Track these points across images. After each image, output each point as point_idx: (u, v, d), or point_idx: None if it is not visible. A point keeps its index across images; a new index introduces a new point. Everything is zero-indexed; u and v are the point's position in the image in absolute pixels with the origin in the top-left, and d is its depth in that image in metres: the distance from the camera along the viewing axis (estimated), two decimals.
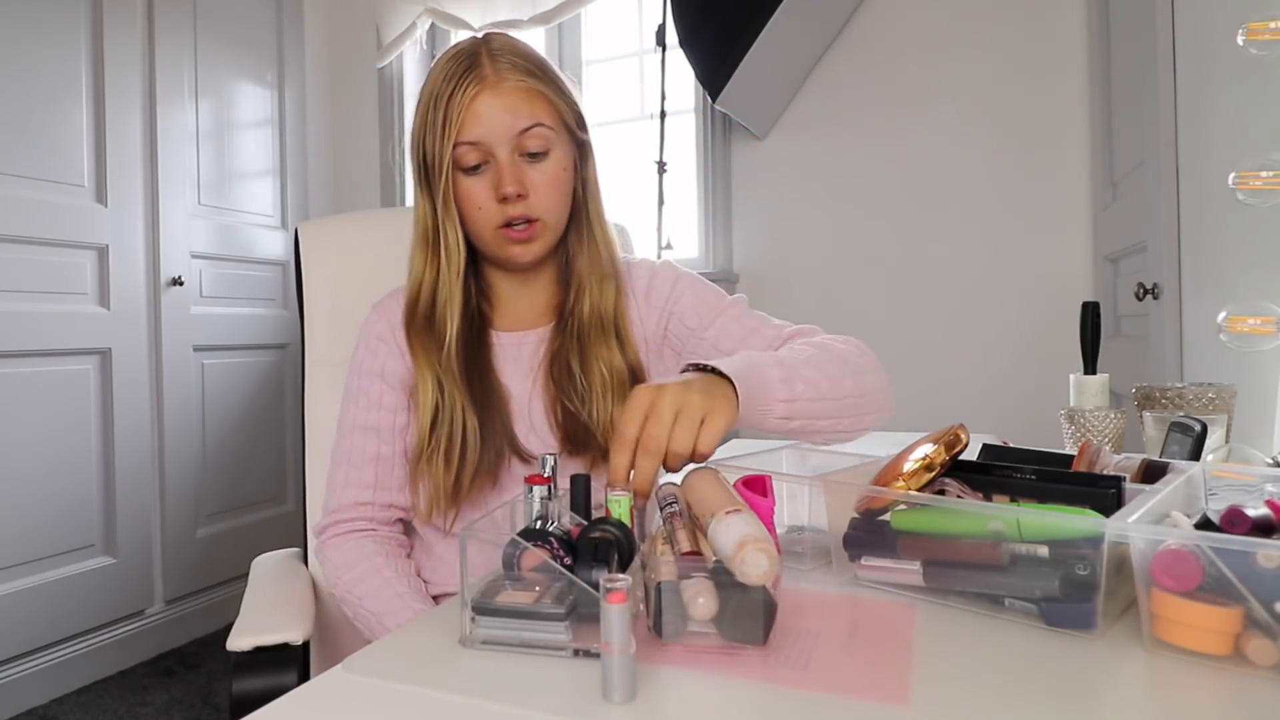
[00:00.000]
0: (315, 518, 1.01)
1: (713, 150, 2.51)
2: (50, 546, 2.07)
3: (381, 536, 0.93)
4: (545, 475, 0.67)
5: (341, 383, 0.98)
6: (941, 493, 0.66)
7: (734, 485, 0.67)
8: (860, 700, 0.46)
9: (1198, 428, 0.85)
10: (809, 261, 2.40)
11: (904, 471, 0.65)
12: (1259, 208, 1.22)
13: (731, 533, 0.52)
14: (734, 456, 0.81)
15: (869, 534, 0.66)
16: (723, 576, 0.52)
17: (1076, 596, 0.54)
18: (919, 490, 0.64)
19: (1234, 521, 0.55)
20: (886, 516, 0.65)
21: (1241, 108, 1.28)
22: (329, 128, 2.97)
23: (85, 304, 2.16)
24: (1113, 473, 0.71)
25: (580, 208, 0.95)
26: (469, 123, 0.85)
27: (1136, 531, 0.52)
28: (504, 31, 0.92)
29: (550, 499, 0.66)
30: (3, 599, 1.95)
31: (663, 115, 2.42)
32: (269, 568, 1.08)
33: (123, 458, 2.23)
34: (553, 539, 0.58)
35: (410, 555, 0.96)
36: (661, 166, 2.44)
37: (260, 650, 0.82)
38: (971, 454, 0.73)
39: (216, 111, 2.53)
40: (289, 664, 0.81)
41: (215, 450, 2.52)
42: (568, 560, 0.57)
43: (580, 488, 0.67)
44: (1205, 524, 0.58)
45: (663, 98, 2.42)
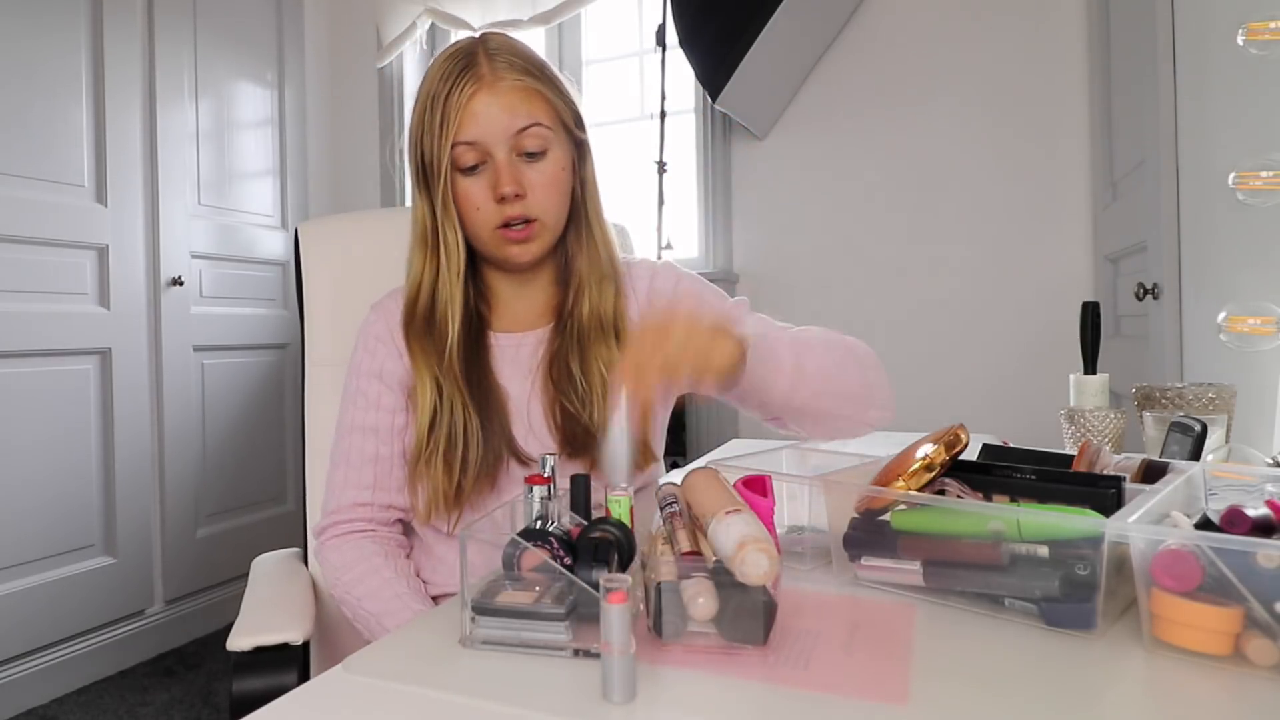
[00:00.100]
0: (315, 518, 1.01)
1: (713, 150, 2.51)
2: (50, 546, 2.07)
3: (381, 537, 0.93)
4: (545, 475, 0.67)
5: (341, 383, 0.98)
6: (941, 493, 0.66)
7: (734, 485, 0.67)
8: (860, 700, 0.46)
9: (1198, 428, 0.85)
10: (809, 261, 2.40)
11: (904, 471, 0.65)
12: (1259, 208, 1.22)
13: (731, 533, 0.52)
14: (734, 456, 0.81)
15: (869, 534, 0.66)
16: (723, 576, 0.52)
17: (1076, 596, 0.54)
18: (919, 490, 0.64)
19: (1234, 521, 0.55)
20: (886, 516, 0.65)
21: (1241, 108, 1.28)
22: (329, 128, 2.97)
23: (85, 304, 2.16)
24: (1113, 473, 0.71)
25: (579, 207, 0.94)
26: (466, 123, 0.85)
27: (1136, 531, 0.52)
28: (502, 31, 0.92)
29: (550, 499, 0.66)
30: (3, 599, 1.95)
31: (663, 115, 2.42)
32: (269, 568, 1.08)
33: (123, 458, 2.23)
34: (553, 539, 0.58)
35: (410, 556, 0.95)
36: (661, 166, 2.44)
37: (260, 650, 0.82)
38: (971, 454, 0.73)
39: (216, 111, 2.53)
40: (289, 664, 0.81)
41: (215, 450, 2.52)
42: (568, 560, 0.57)
43: (580, 488, 0.67)
44: (1205, 524, 0.58)
45: (663, 98, 2.42)
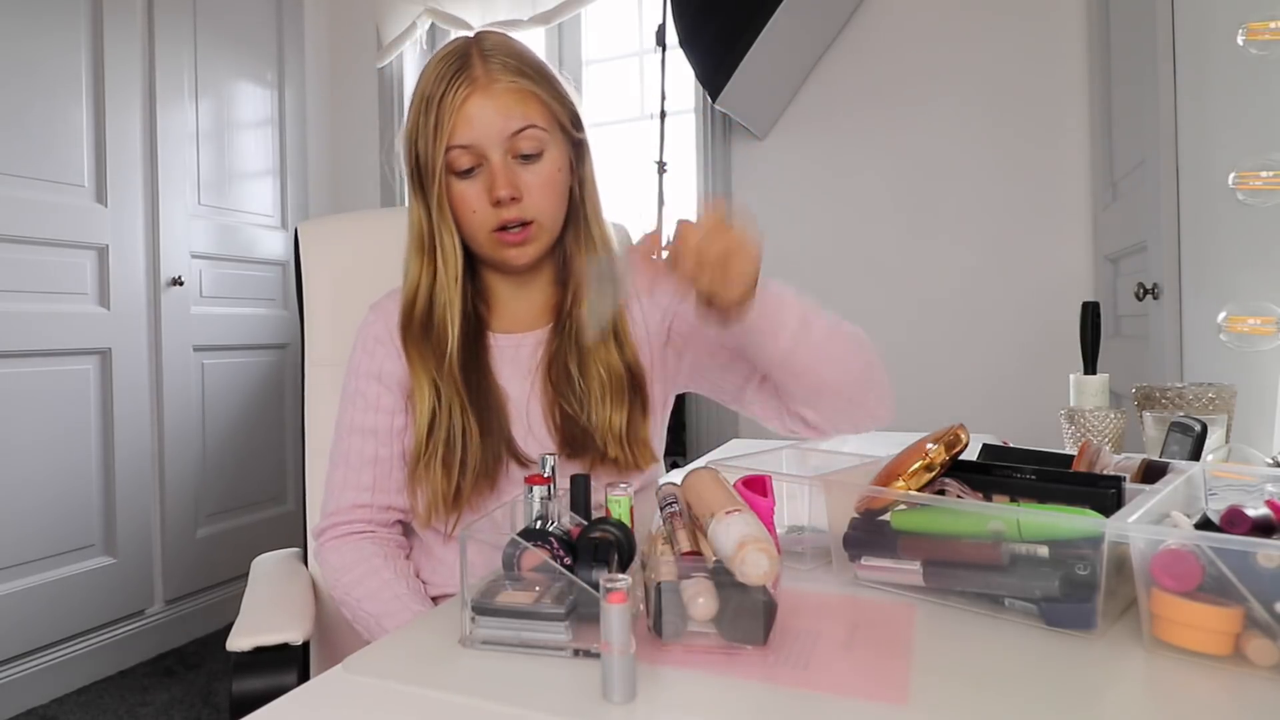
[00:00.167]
0: (315, 518, 1.01)
1: (713, 150, 2.51)
2: (50, 546, 2.07)
3: (380, 538, 0.92)
4: (545, 475, 0.67)
5: (341, 383, 0.98)
6: (941, 493, 0.66)
7: (734, 485, 0.67)
8: (860, 700, 0.46)
9: (1198, 428, 0.85)
10: (809, 261, 2.40)
11: (904, 471, 0.65)
12: (1259, 208, 1.22)
13: (731, 533, 0.52)
14: (734, 457, 0.81)
15: (869, 534, 0.66)
16: (723, 576, 0.52)
17: (1076, 596, 0.54)
18: (919, 490, 0.64)
19: (1234, 521, 0.55)
20: (886, 516, 0.65)
21: (1241, 108, 1.28)
22: (329, 128, 2.97)
23: (85, 304, 2.16)
24: (1113, 473, 0.71)
25: (577, 208, 0.94)
26: (460, 126, 0.84)
27: (1136, 531, 0.52)
28: (497, 30, 0.91)
29: (550, 499, 0.66)
30: (3, 599, 1.95)
31: (663, 115, 2.42)
32: (269, 568, 1.08)
33: (123, 458, 2.23)
34: (553, 539, 0.58)
35: (409, 557, 0.95)
36: (661, 166, 2.44)
37: (260, 650, 0.81)
38: (971, 454, 0.73)
39: (216, 111, 2.53)
40: (289, 664, 0.81)
41: (215, 450, 2.52)
42: (568, 560, 0.57)
43: (580, 488, 0.67)
44: (1205, 524, 0.58)
45: (663, 98, 2.41)
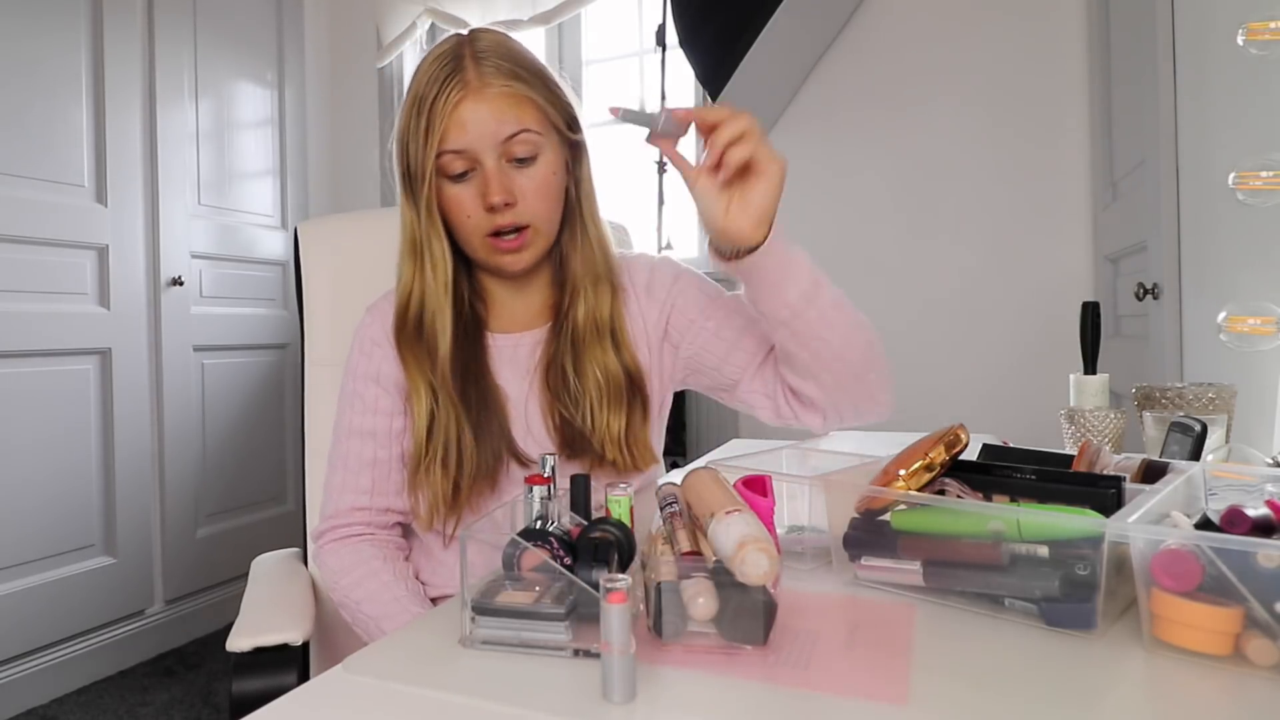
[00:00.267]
0: (315, 519, 1.01)
1: None
2: (50, 546, 2.07)
3: (379, 541, 0.92)
4: (545, 475, 0.67)
5: (340, 384, 0.98)
6: (941, 493, 0.66)
7: (734, 485, 0.67)
8: (860, 700, 0.46)
9: (1198, 428, 0.85)
10: None
11: (904, 472, 0.65)
12: (1259, 208, 1.22)
13: (731, 533, 0.52)
14: (734, 457, 0.82)
15: (869, 534, 0.66)
16: (723, 576, 0.52)
17: (1076, 596, 0.54)
18: (919, 490, 0.64)
19: (1234, 521, 0.55)
20: (886, 516, 0.65)
21: (1241, 108, 1.28)
22: (329, 128, 2.97)
23: (85, 304, 2.16)
24: (1113, 473, 0.71)
25: (574, 209, 0.93)
26: (453, 130, 0.83)
27: (1136, 531, 0.52)
28: (491, 28, 0.89)
29: (550, 499, 0.66)
30: (3, 599, 1.95)
31: None
32: (269, 568, 1.08)
33: (123, 458, 2.23)
34: (553, 539, 0.58)
35: (408, 558, 0.95)
36: (661, 166, 2.44)
37: (260, 650, 0.82)
38: (971, 454, 0.73)
39: (216, 111, 2.53)
40: (289, 664, 0.81)
41: (215, 450, 2.52)
42: (568, 560, 0.57)
43: (580, 488, 0.67)
44: (1205, 524, 0.58)
45: (663, 98, 2.42)
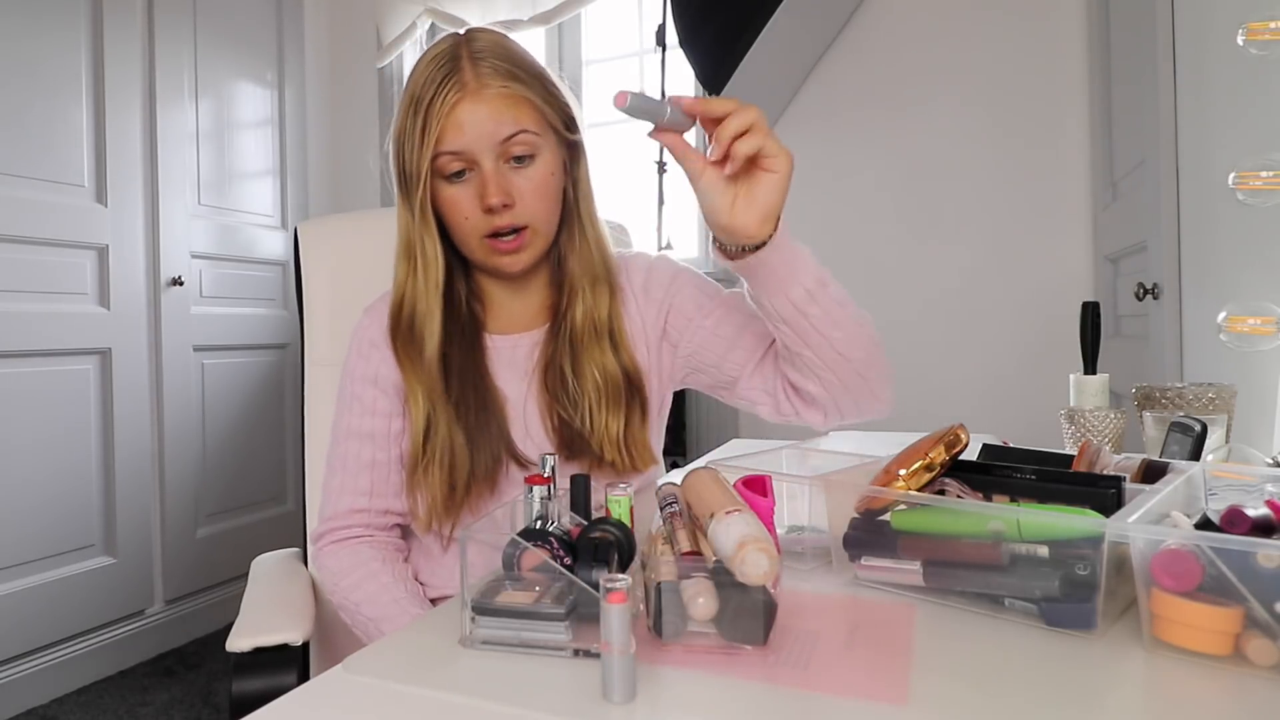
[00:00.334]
0: (314, 520, 1.01)
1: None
2: (50, 546, 2.07)
3: (378, 542, 0.92)
4: (545, 475, 0.67)
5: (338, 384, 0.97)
6: (941, 493, 0.66)
7: (734, 485, 0.66)
8: (860, 700, 0.46)
9: (1198, 428, 0.85)
10: None
11: (904, 471, 0.65)
12: (1259, 208, 1.22)
13: (731, 533, 0.51)
14: (734, 457, 0.82)
15: (869, 534, 0.65)
16: (723, 576, 0.52)
17: (1076, 596, 0.54)
18: (919, 490, 0.64)
19: (1234, 521, 0.55)
20: (886, 516, 0.65)
21: (1241, 108, 1.28)
22: (329, 128, 2.97)
23: (85, 304, 2.16)
24: (1113, 473, 0.71)
25: (571, 209, 0.92)
26: (449, 132, 0.82)
27: (1136, 531, 0.52)
28: (488, 28, 0.88)
29: (550, 499, 0.66)
30: (3, 599, 1.95)
31: None
32: (269, 568, 1.08)
33: (123, 458, 2.23)
34: (553, 539, 0.58)
35: (407, 559, 0.95)
36: (661, 166, 2.44)
37: (260, 650, 0.81)
38: (971, 454, 0.73)
39: (216, 111, 2.53)
40: (289, 664, 0.81)
41: (215, 450, 2.52)
42: (568, 560, 0.57)
43: (580, 488, 0.67)
44: (1205, 524, 0.58)
45: (663, 98, 2.41)
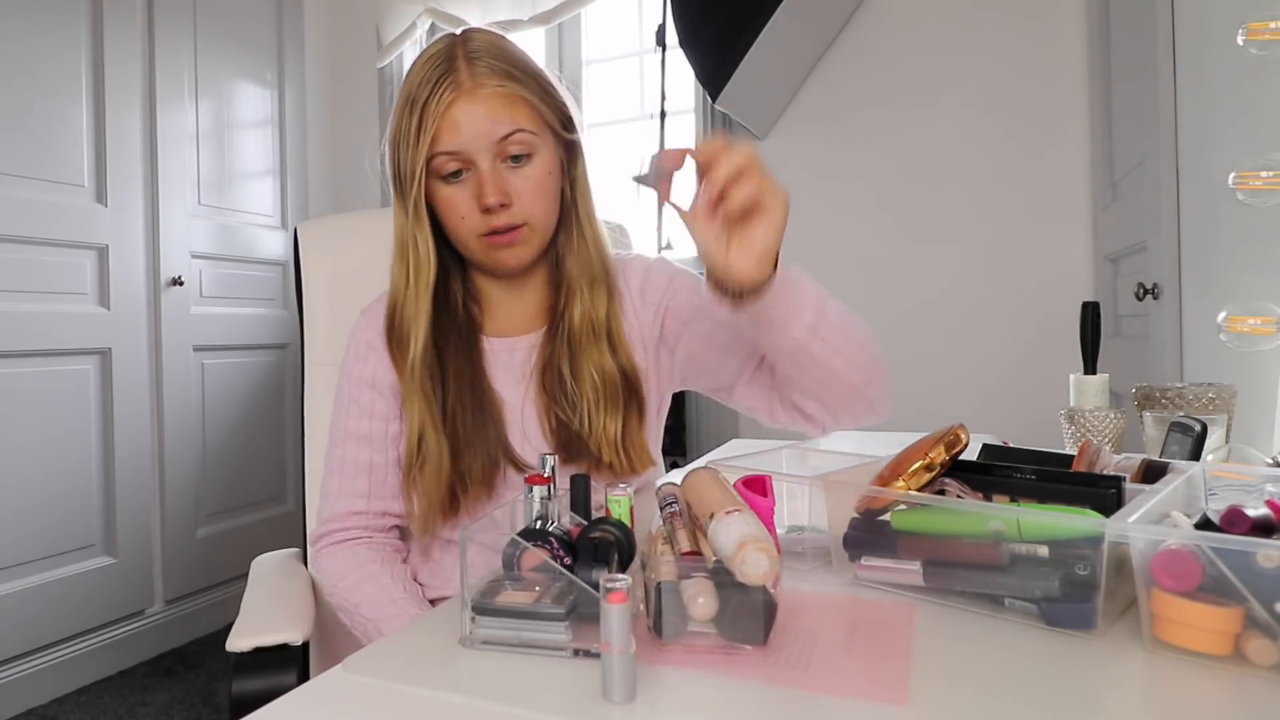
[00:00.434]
0: (313, 521, 1.01)
1: None
2: (50, 546, 2.07)
3: (377, 544, 0.92)
4: (545, 475, 0.67)
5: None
6: (941, 493, 0.66)
7: (734, 485, 0.66)
8: (860, 700, 0.46)
9: (1198, 428, 0.85)
10: (808, 261, 2.36)
11: (904, 471, 0.65)
12: (1259, 208, 1.22)
13: (731, 533, 0.51)
14: (734, 456, 0.81)
15: (869, 534, 0.65)
16: (723, 576, 0.52)
17: (1076, 596, 0.54)
18: (919, 490, 0.64)
19: (1234, 521, 0.55)
20: (886, 516, 0.65)
21: (1241, 108, 1.28)
22: (329, 128, 2.97)
23: (85, 304, 2.16)
24: (1113, 473, 0.71)
25: (569, 209, 0.92)
26: (445, 132, 0.82)
27: (1136, 531, 0.52)
28: (484, 28, 0.88)
29: (550, 499, 0.66)
30: (3, 599, 1.95)
31: (663, 115, 2.42)
32: (269, 568, 1.08)
33: (123, 458, 2.23)
34: (553, 539, 0.58)
35: (406, 560, 0.95)
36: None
37: (260, 650, 0.81)
38: (971, 454, 0.73)
39: (216, 111, 2.53)
40: (289, 664, 0.81)
41: (215, 450, 2.52)
42: (568, 560, 0.57)
43: (580, 488, 0.67)
44: (1205, 524, 0.58)
45: (663, 98, 2.41)
